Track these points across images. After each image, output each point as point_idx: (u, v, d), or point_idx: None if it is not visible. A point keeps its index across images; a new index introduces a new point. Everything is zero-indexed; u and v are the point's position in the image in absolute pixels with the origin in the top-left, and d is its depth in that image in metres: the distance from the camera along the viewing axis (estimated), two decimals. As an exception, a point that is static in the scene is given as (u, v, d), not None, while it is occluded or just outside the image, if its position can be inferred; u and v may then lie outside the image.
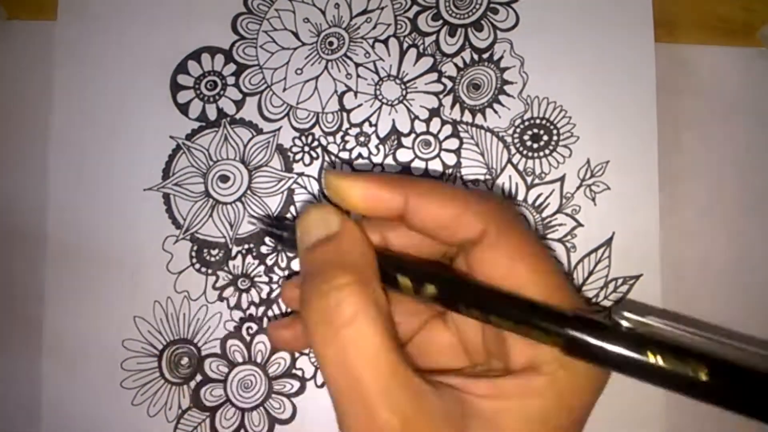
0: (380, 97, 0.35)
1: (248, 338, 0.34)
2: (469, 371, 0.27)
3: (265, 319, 0.35)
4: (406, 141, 0.35)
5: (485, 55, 0.35)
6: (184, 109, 0.35)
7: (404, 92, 0.35)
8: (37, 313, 0.34)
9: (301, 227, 0.26)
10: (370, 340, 0.22)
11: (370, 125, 0.35)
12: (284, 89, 0.35)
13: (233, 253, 0.35)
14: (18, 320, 0.34)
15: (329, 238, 0.25)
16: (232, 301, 0.35)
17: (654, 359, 0.22)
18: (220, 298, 0.35)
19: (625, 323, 0.23)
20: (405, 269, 0.25)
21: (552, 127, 0.35)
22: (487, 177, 0.35)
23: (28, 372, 0.34)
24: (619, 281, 0.35)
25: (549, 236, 0.35)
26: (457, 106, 0.35)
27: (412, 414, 0.21)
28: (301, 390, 0.34)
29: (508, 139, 0.35)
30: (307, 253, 0.25)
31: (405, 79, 0.35)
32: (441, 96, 0.35)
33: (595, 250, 0.35)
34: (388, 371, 0.21)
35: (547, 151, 0.35)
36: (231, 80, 0.35)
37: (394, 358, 0.22)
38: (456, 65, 0.35)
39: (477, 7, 0.35)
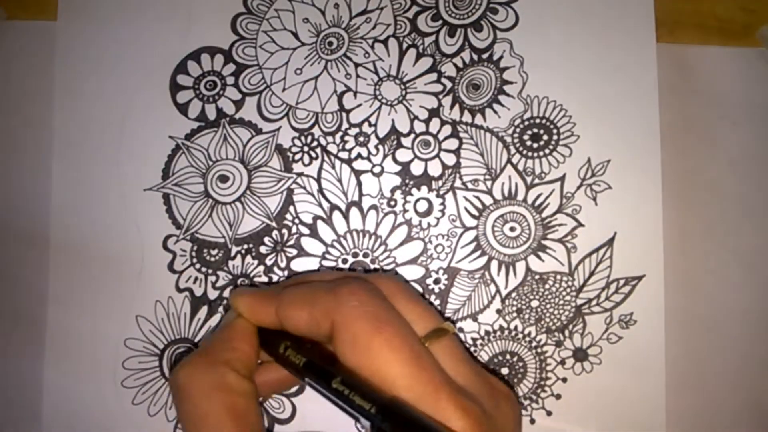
0: (380, 97, 0.35)
1: (248, 338, 0.34)
2: None
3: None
4: (406, 141, 0.35)
5: (485, 55, 0.35)
6: (183, 109, 0.35)
7: (404, 92, 0.35)
8: (39, 312, 0.34)
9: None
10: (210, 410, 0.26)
11: (370, 125, 0.35)
12: (284, 89, 0.35)
13: (233, 253, 0.35)
14: (20, 319, 0.35)
15: (224, 326, 0.30)
16: (232, 301, 0.35)
17: None
18: (221, 298, 0.35)
19: None
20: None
21: (552, 126, 0.35)
22: (487, 177, 0.35)
23: (31, 370, 0.34)
24: (621, 282, 0.35)
25: (549, 236, 0.35)
26: (457, 106, 0.35)
27: None
28: (301, 390, 0.34)
29: (508, 139, 0.35)
30: None
31: (404, 79, 0.35)
32: (440, 96, 0.35)
33: (597, 250, 0.35)
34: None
35: (547, 151, 0.35)
36: (230, 80, 0.35)
37: (229, 429, 0.26)
38: (455, 65, 0.35)
39: (476, 7, 0.35)
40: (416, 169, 0.35)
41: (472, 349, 0.35)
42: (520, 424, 0.27)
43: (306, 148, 0.35)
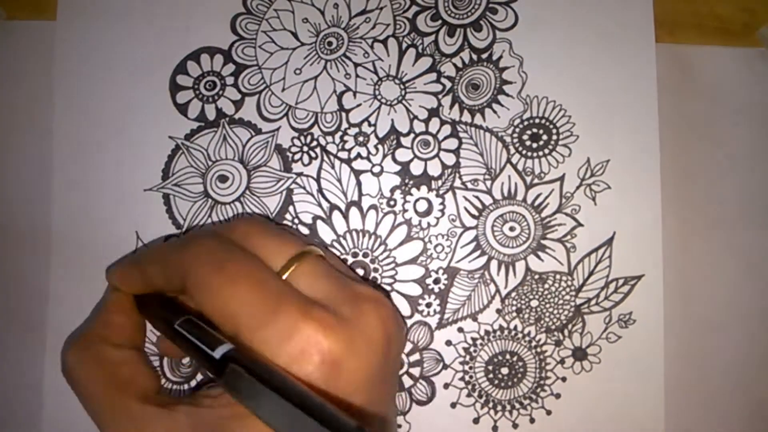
0: (379, 97, 0.35)
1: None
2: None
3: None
4: (405, 141, 0.35)
5: (484, 55, 0.35)
6: (183, 109, 0.35)
7: (403, 92, 0.35)
8: (39, 312, 0.34)
9: None
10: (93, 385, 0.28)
11: (369, 125, 0.35)
12: (283, 89, 0.35)
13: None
14: (21, 320, 0.35)
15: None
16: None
17: None
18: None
19: None
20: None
21: (551, 126, 0.35)
22: (487, 177, 0.35)
23: (30, 370, 0.34)
24: (620, 282, 0.35)
25: (548, 236, 0.35)
26: (456, 106, 0.35)
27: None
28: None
29: (508, 139, 0.35)
30: None
31: (404, 79, 0.35)
32: (440, 96, 0.35)
33: (596, 250, 0.35)
34: (111, 409, 0.27)
35: (546, 151, 0.35)
36: (230, 80, 0.35)
37: (112, 397, 0.27)
38: (455, 65, 0.35)
39: (476, 6, 0.35)
40: (416, 168, 0.35)
41: (472, 348, 0.35)
42: (394, 326, 0.28)
43: (305, 148, 0.35)
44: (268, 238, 0.28)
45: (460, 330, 0.35)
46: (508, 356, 0.35)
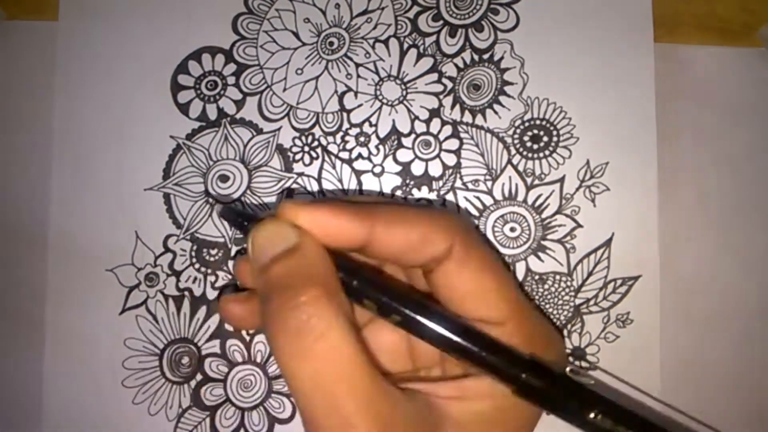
0: (380, 98, 0.35)
1: (248, 338, 0.35)
2: (431, 376, 0.27)
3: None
4: (406, 141, 0.35)
5: (485, 56, 0.35)
6: (184, 108, 0.35)
7: (404, 92, 0.35)
8: (39, 311, 0.34)
9: (255, 242, 0.24)
10: (345, 354, 0.21)
11: (370, 125, 0.35)
12: (284, 89, 0.35)
13: (233, 252, 0.35)
14: (20, 319, 0.35)
15: (290, 252, 0.23)
16: (232, 301, 0.35)
17: (595, 419, 0.24)
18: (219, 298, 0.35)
19: (576, 377, 0.25)
20: (370, 295, 0.24)
21: (552, 128, 0.35)
22: (488, 177, 0.35)
23: (30, 370, 0.34)
24: (618, 282, 0.35)
25: (548, 237, 0.35)
26: (458, 106, 0.35)
27: (390, 423, 0.21)
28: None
29: (508, 140, 0.35)
30: (265, 268, 0.23)
31: (405, 80, 0.35)
32: (441, 96, 0.35)
33: (595, 251, 0.35)
34: (363, 384, 0.21)
35: (547, 152, 0.35)
36: (231, 80, 0.35)
37: (368, 370, 0.22)
38: (456, 66, 0.35)
39: (477, 7, 0.35)
40: (417, 169, 0.35)
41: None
42: None
43: (307, 148, 0.35)
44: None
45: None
46: (507, 356, 0.35)
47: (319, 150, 0.35)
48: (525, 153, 0.35)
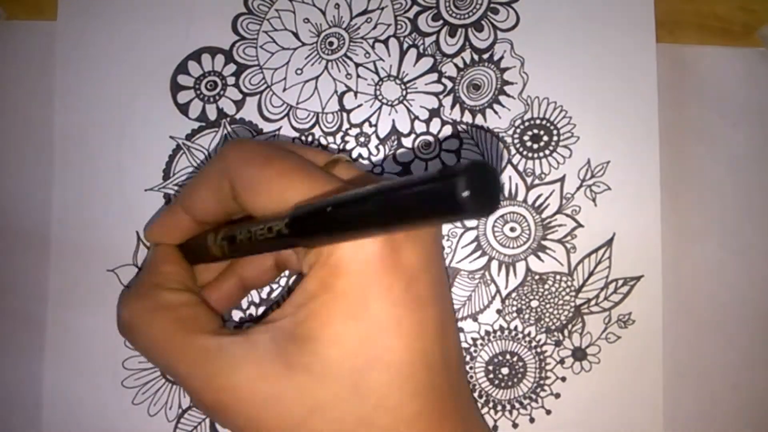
0: (380, 98, 0.35)
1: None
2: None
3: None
4: (406, 141, 0.35)
5: (485, 56, 0.35)
6: (184, 109, 0.35)
7: (404, 92, 0.35)
8: (39, 312, 0.34)
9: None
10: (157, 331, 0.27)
11: (370, 125, 0.35)
12: (284, 89, 0.35)
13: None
14: (21, 319, 0.34)
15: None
16: (232, 301, 0.35)
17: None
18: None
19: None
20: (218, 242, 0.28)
21: (552, 127, 0.35)
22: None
23: (30, 370, 0.34)
24: (620, 282, 0.35)
25: (549, 237, 0.35)
26: (458, 106, 0.35)
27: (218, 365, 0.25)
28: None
29: (508, 140, 0.35)
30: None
31: (405, 80, 0.35)
32: (441, 96, 0.35)
33: (596, 250, 0.35)
34: (181, 348, 0.26)
35: (547, 152, 0.35)
36: (231, 80, 0.35)
37: (181, 337, 0.26)
38: (456, 65, 0.35)
39: (477, 7, 0.35)
40: (417, 169, 0.35)
41: (472, 348, 0.35)
42: None
43: (306, 149, 0.35)
44: (303, 147, 0.29)
45: (461, 330, 0.35)
46: (508, 356, 0.35)
47: (319, 150, 0.35)
48: (525, 153, 0.35)
